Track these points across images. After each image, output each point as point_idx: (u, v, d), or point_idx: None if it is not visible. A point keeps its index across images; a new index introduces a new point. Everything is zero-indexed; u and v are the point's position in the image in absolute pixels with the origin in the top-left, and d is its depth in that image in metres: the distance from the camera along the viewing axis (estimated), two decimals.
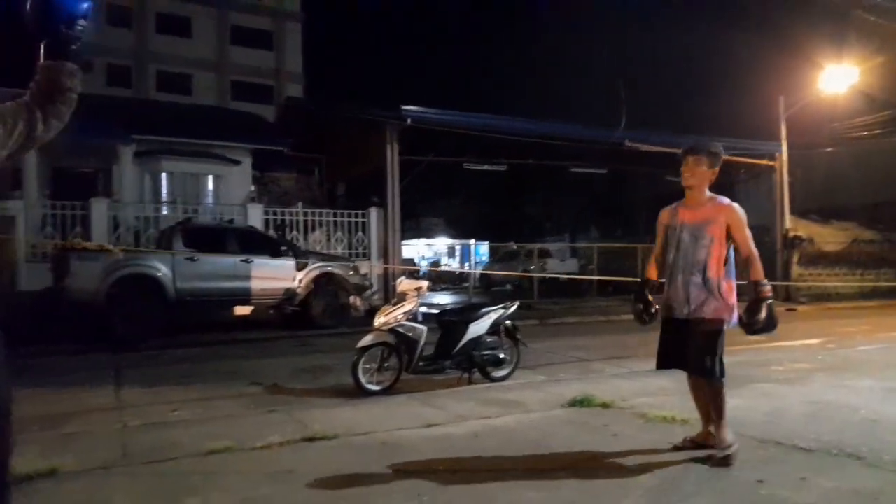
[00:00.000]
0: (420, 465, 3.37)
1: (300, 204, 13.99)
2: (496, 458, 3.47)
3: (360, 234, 13.89)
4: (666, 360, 3.64)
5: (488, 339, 5.82)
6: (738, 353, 7.47)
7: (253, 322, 10.62)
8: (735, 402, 4.81)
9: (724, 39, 21.44)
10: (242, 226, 11.81)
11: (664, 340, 3.65)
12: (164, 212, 13.45)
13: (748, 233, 3.42)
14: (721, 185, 3.49)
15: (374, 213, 13.95)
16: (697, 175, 3.50)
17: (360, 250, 13.73)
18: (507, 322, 5.98)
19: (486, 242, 22.72)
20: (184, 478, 3.30)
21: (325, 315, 10.40)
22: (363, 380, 5.44)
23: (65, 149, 13.86)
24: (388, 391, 5.43)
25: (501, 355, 5.88)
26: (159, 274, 9.31)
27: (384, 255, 13.82)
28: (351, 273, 11.01)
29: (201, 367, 7.14)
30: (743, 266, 3.43)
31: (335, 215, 13.94)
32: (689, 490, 3.00)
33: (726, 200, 3.49)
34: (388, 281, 13.43)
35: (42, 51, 1.86)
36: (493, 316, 5.83)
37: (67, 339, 8.69)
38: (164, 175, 14.86)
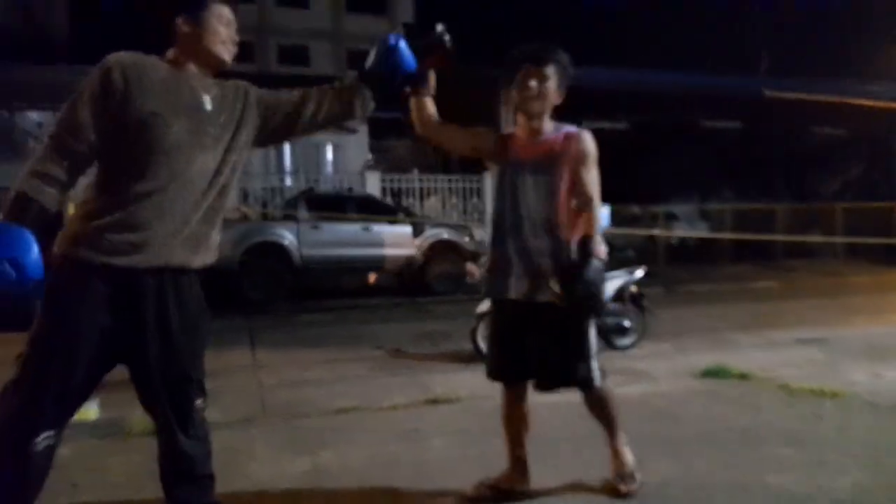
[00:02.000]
0: (543, 431, 3.40)
1: (415, 170, 14.27)
2: (624, 426, 3.43)
3: (475, 199, 13.97)
4: (504, 369, 2.62)
5: (611, 306, 5.71)
6: (893, 324, 6.88)
7: (372, 288, 11.07)
8: (892, 374, 4.45)
9: None
10: (361, 194, 12.25)
11: (498, 337, 2.64)
12: (288, 182, 14.23)
13: (596, 173, 2.48)
14: (875, 138, 2.89)
15: (488, 177, 13.95)
16: (544, 94, 2.49)
17: (476, 216, 13.83)
18: (633, 288, 5.83)
19: (607, 205, 21.98)
20: (317, 433, 3.55)
21: (441, 281, 10.62)
22: (483, 346, 5.53)
23: None
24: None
25: (626, 323, 5.76)
26: (286, 242, 9.92)
27: None
28: (466, 239, 11.14)
29: (327, 331, 7.57)
30: (574, 216, 2.46)
31: (450, 181, 14.10)
32: (840, 463, 2.83)
33: (574, 128, 2.54)
34: None
35: (365, 75, 2.26)
36: (617, 282, 5.71)
37: (206, 304, 9.52)
38: (286, 146, 15.67)
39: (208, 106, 2.01)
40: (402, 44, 2.26)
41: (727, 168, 19.70)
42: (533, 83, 2.48)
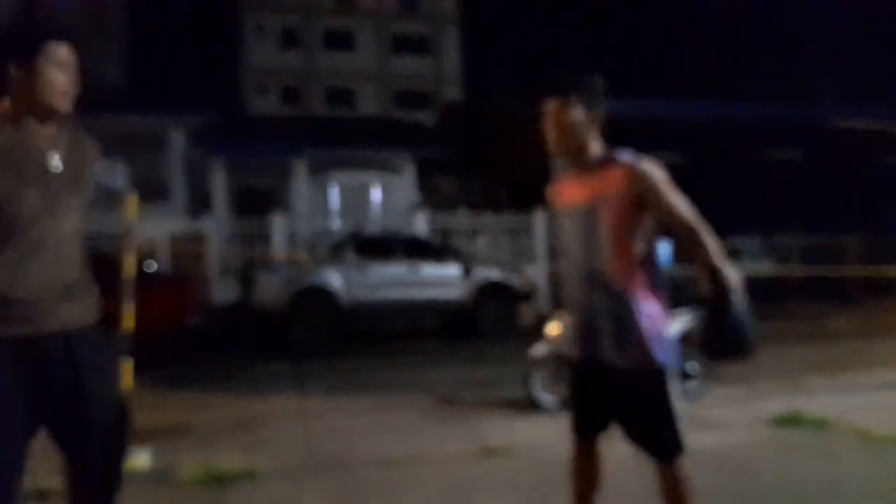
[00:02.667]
0: (611, 488, 3.29)
1: (463, 209, 14.36)
2: (695, 481, 3.28)
3: (524, 237, 13.93)
4: (580, 424, 2.40)
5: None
6: None
7: (420, 331, 11.05)
8: None
9: None
10: (408, 234, 12.37)
11: (574, 393, 2.42)
12: (335, 224, 14.50)
13: (679, 196, 2.16)
14: None
15: (539, 215, 13.92)
16: (572, 128, 2.23)
17: (526, 256, 13.76)
18: (697, 329, 5.65)
19: (667, 241, 21.55)
20: (367, 484, 3.52)
21: (491, 323, 10.54)
22: (537, 393, 5.42)
23: (247, 168, 15.54)
24: (563, 405, 5.37)
25: (692, 368, 5.57)
26: (334, 286, 10.03)
27: (552, 259, 13.72)
28: (517, 280, 11.07)
29: (374, 376, 7.57)
30: (687, 246, 2.17)
31: (499, 220, 14.12)
32: None
33: (628, 156, 2.23)
34: (556, 287, 13.32)
35: None
36: (683, 323, 5.54)
37: (253, 349, 9.68)
38: (333, 187, 16.05)
39: (57, 166, 1.96)
40: None
41: (791, 201, 19.18)
42: (557, 119, 2.24)
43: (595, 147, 2.26)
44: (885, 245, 15.71)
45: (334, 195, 16.04)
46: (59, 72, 1.95)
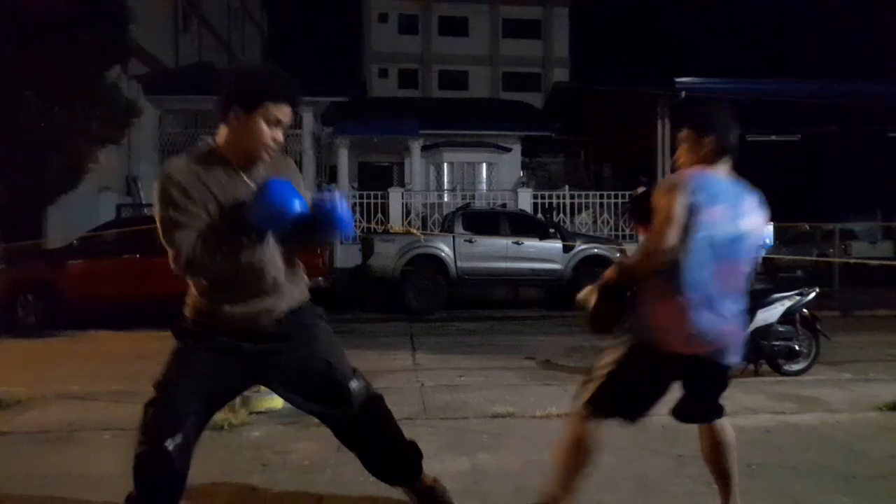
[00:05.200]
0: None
1: (566, 187, 14.13)
2: (794, 457, 3.13)
3: (626, 215, 13.50)
4: (636, 410, 2.35)
5: (780, 329, 5.23)
6: None
7: (524, 301, 11.05)
8: None
9: None
10: (513, 210, 12.33)
11: (644, 381, 2.31)
12: (446, 198, 14.68)
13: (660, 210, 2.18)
14: None
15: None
16: (681, 153, 2.38)
17: (628, 232, 13.35)
18: (804, 310, 5.30)
19: (771, 223, 20.15)
20: (475, 435, 3.60)
21: None
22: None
23: (368, 146, 15.98)
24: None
25: (796, 346, 5.24)
26: (444, 254, 10.23)
27: None
28: (618, 255, 10.78)
29: (481, 339, 7.67)
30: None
31: (601, 197, 13.76)
32: None
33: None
34: None
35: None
36: (787, 303, 5.22)
37: (372, 308, 10.08)
38: (445, 165, 16.21)
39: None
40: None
41: None
42: (679, 150, 2.41)
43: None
44: None
45: (446, 172, 16.21)
46: (271, 127, 2.08)
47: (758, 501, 2.62)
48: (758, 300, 5.25)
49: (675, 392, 2.36)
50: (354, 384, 2.30)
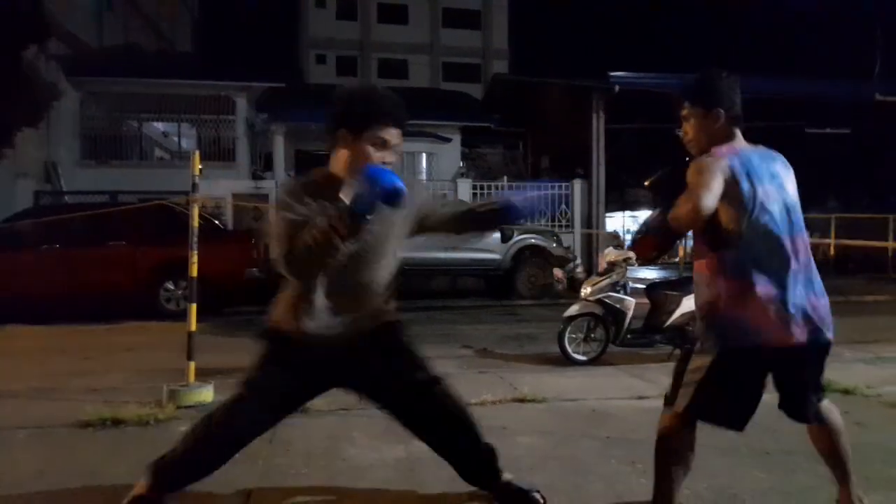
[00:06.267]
0: (632, 435, 3.33)
1: (505, 178, 14.29)
2: (716, 436, 3.29)
3: (563, 206, 13.80)
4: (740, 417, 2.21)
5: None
6: None
7: (461, 290, 11.15)
8: None
9: None
10: (452, 200, 12.38)
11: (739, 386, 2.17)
12: None
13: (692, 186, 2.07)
14: None
15: (577, 185, 13.77)
16: (688, 136, 2.29)
17: (563, 223, 13.65)
18: None
19: None
20: None
21: (528, 286, 10.57)
22: (569, 349, 5.46)
23: (306, 134, 15.68)
24: (593, 362, 5.40)
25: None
26: None
27: (587, 227, 13.60)
28: (554, 245, 11.03)
29: (418, 330, 7.59)
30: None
31: (538, 188, 13.99)
32: None
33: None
34: (590, 254, 13.22)
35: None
36: None
37: None
38: None
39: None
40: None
41: (832, 176, 18.42)
42: (684, 126, 2.29)
43: (706, 148, 2.23)
44: None
45: None
46: (379, 150, 2.11)
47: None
48: (685, 287, 5.48)
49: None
50: (439, 390, 2.45)
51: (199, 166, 4.21)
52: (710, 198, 1.99)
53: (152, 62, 15.85)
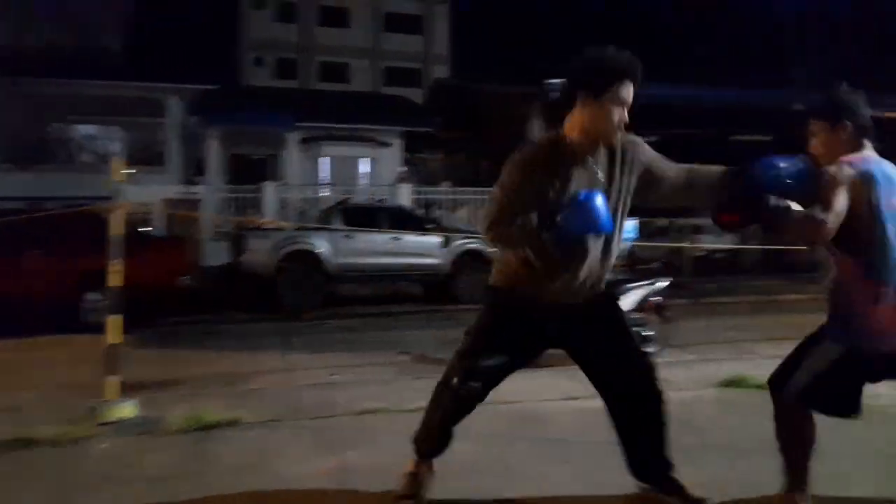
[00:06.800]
0: (563, 435, 3.38)
1: (446, 183, 14.34)
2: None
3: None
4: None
5: (633, 316, 5.63)
6: None
7: (401, 296, 11.11)
8: None
9: None
10: (393, 205, 12.36)
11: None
12: (325, 193, 14.43)
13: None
14: None
15: None
16: (818, 147, 2.41)
17: None
18: (656, 298, 5.75)
19: (634, 219, 21.57)
20: (343, 433, 3.58)
21: (467, 290, 10.62)
22: None
23: (241, 137, 15.35)
24: (533, 365, 5.45)
25: (647, 332, 5.67)
26: (321, 250, 10.05)
27: None
28: (494, 250, 11.13)
29: (356, 336, 7.63)
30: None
31: (479, 193, 14.11)
32: (858, 476, 2.75)
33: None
34: None
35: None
36: (641, 291, 5.63)
37: (243, 307, 9.69)
38: (324, 159, 15.92)
39: (601, 180, 2.29)
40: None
41: None
42: (813, 143, 2.43)
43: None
44: None
45: (325, 166, 15.93)
46: (619, 108, 2.21)
47: (609, 475, 2.80)
48: (613, 289, 5.60)
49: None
50: (655, 386, 2.52)
51: (126, 171, 4.05)
52: (834, 222, 2.10)
53: (78, 63, 15.18)
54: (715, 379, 4.52)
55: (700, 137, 15.39)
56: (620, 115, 2.22)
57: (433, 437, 2.62)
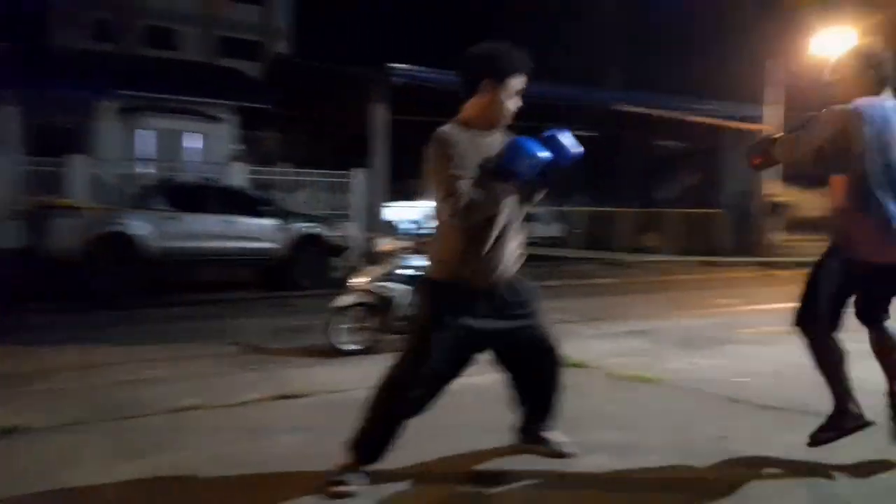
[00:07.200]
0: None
1: (284, 163, 13.82)
2: (471, 415, 3.49)
3: (343, 194, 13.75)
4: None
5: None
6: (710, 316, 7.59)
7: (234, 282, 10.57)
8: (704, 362, 4.90)
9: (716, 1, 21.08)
10: (224, 185, 11.68)
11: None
12: (146, 170, 13.24)
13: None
14: (707, 150, 3.20)
15: (359, 174, 13.81)
16: (841, 84, 2.83)
17: (344, 211, 13.61)
18: None
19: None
20: (154, 434, 3.30)
21: (305, 275, 10.35)
22: (340, 340, 5.44)
23: (45, 104, 13.56)
24: (366, 351, 5.43)
25: None
26: (138, 232, 9.19)
27: (367, 216, 13.71)
28: (333, 234, 10.95)
29: (180, 327, 7.12)
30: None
31: (319, 175, 13.78)
32: (653, 445, 3.04)
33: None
34: (370, 242, 13.36)
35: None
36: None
37: (44, 297, 8.58)
38: (146, 132, 14.58)
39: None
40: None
41: (582, 174, 20.87)
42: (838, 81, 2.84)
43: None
44: (651, 216, 17.75)
45: (147, 140, 14.58)
46: (513, 98, 2.53)
47: (446, 461, 2.86)
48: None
49: None
50: (558, 354, 2.81)
51: None
52: (806, 145, 2.68)
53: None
54: None
55: (528, 131, 16.30)
56: (516, 104, 2.52)
57: (374, 445, 2.60)
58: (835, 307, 2.78)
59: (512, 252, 2.62)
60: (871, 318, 2.82)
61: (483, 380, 2.98)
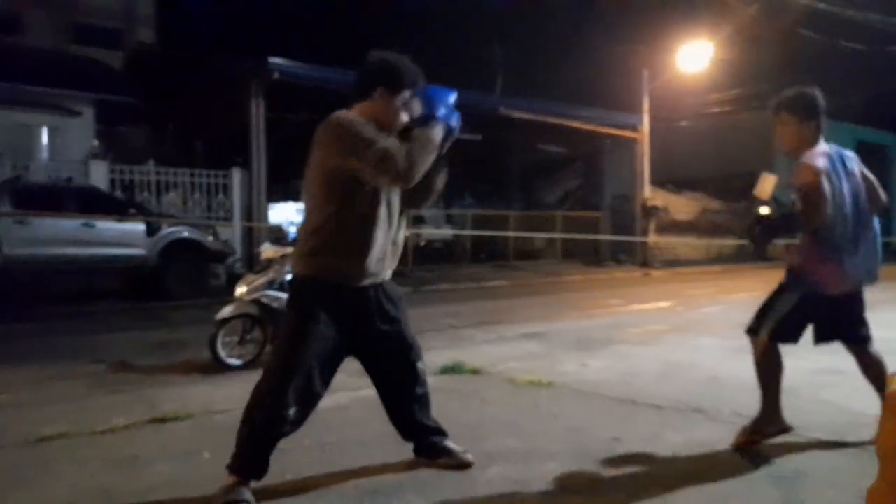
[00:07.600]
0: (284, 441, 3.26)
1: (152, 162, 12.97)
2: (363, 429, 3.44)
3: (220, 196, 13.14)
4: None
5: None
6: (597, 317, 8.02)
7: (98, 293, 9.81)
8: (595, 363, 5.16)
9: (596, 12, 22.34)
10: (83, 185, 10.80)
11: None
12: None
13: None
14: (587, 155, 3.34)
15: (236, 173, 13.23)
16: (785, 136, 3.04)
17: (221, 214, 13.01)
18: None
19: None
20: (11, 469, 2.99)
21: (180, 284, 9.78)
22: (223, 354, 5.18)
23: None
24: (250, 365, 5.21)
25: None
26: None
27: (248, 219, 13.19)
28: (210, 238, 10.44)
29: (34, 344, 6.49)
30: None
31: (192, 175, 13.06)
32: (551, 450, 3.14)
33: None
34: (252, 247, 12.87)
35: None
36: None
37: None
38: None
39: None
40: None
41: (469, 177, 21.31)
42: (779, 130, 3.09)
43: (800, 150, 3.03)
44: (536, 218, 18.45)
45: None
46: (401, 111, 2.60)
47: (334, 476, 2.79)
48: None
49: None
50: (421, 365, 2.83)
51: None
52: (823, 211, 2.88)
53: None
54: (434, 366, 4.81)
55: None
56: (402, 117, 2.60)
57: (254, 461, 2.57)
58: (794, 331, 3.08)
59: (387, 252, 2.63)
60: (857, 340, 3.12)
61: (371, 392, 2.93)
